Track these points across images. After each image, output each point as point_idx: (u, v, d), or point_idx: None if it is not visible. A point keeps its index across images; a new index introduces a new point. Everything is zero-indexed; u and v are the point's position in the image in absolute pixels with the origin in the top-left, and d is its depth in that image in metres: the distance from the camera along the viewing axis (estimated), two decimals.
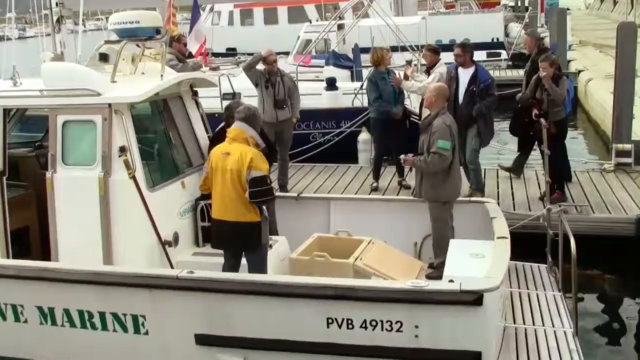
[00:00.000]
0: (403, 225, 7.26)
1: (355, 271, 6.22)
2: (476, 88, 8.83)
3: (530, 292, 6.69)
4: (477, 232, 6.67)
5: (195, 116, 7.12)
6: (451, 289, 4.85)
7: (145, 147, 6.34)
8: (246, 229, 5.77)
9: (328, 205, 7.57)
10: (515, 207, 8.99)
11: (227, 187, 5.77)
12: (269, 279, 5.35)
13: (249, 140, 5.89)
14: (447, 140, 6.60)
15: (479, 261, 5.69)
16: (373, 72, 9.74)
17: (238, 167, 5.74)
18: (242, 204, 5.73)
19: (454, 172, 6.79)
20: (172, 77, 6.58)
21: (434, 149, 6.64)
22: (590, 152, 14.97)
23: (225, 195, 5.79)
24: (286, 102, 9.75)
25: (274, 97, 9.66)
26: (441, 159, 6.62)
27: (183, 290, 5.25)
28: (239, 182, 5.74)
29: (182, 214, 6.53)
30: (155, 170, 6.44)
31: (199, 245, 6.70)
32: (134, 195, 5.85)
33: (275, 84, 9.69)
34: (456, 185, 6.87)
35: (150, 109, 6.75)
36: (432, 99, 6.84)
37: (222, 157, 5.88)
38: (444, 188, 6.76)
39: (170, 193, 6.38)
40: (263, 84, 9.70)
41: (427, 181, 6.84)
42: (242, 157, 5.75)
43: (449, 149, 6.60)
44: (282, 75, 9.81)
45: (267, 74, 9.75)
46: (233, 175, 5.75)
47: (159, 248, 6.06)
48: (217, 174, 5.88)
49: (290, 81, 9.89)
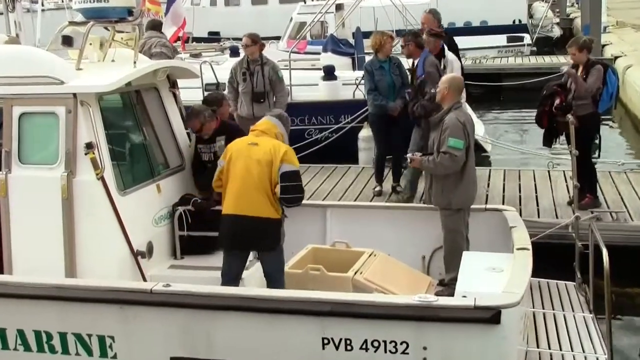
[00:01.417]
0: (409, 236, 7.36)
1: (355, 286, 6.30)
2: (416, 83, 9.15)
3: (556, 313, 6.77)
4: (494, 244, 6.76)
5: (172, 111, 7.21)
6: (464, 305, 4.94)
7: (116, 145, 6.42)
8: (268, 225, 5.97)
9: (324, 213, 7.65)
10: (540, 213, 9.08)
11: (252, 179, 5.94)
12: (257, 293, 5.42)
13: (278, 135, 6.16)
14: (459, 139, 6.70)
15: (497, 276, 5.78)
16: (371, 59, 9.88)
17: (269, 158, 5.94)
18: (266, 198, 5.93)
19: (468, 175, 6.89)
20: (146, 65, 6.68)
21: (444, 148, 6.74)
22: (628, 150, 15.08)
23: (248, 188, 5.95)
24: (265, 95, 9.90)
25: (251, 89, 9.85)
26: (452, 160, 6.72)
27: (158, 307, 5.32)
28: (267, 175, 5.93)
29: (158, 221, 6.62)
30: (126, 171, 6.50)
31: (176, 258, 6.79)
32: (101, 198, 5.93)
33: (253, 73, 9.87)
34: (470, 191, 6.97)
35: (121, 101, 6.82)
36: (445, 92, 6.96)
37: (246, 147, 6.08)
38: (456, 193, 6.86)
39: (144, 197, 6.46)
40: (240, 75, 9.88)
41: (437, 185, 6.95)
42: (274, 148, 5.99)
43: (461, 148, 6.71)
44: (263, 64, 9.95)
45: (245, 63, 9.94)
46: (261, 167, 5.93)
47: (130, 260, 6.14)
48: (236, 165, 6.03)
49: (273, 71, 10.03)
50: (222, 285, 6.02)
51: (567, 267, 7.29)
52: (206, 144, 7.09)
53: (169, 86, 7.27)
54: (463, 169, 6.83)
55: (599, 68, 8.77)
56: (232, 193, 6.03)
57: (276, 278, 6.13)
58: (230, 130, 7.14)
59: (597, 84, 8.70)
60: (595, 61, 8.97)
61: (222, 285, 6.02)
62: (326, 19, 19.01)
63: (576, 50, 8.78)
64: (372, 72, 9.75)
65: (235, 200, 5.98)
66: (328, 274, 6.43)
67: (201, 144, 7.13)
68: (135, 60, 6.50)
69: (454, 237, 6.92)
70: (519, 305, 5.02)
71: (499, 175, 10.97)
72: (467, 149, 6.81)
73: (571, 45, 8.89)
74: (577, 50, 8.77)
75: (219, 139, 7.03)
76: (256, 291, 5.51)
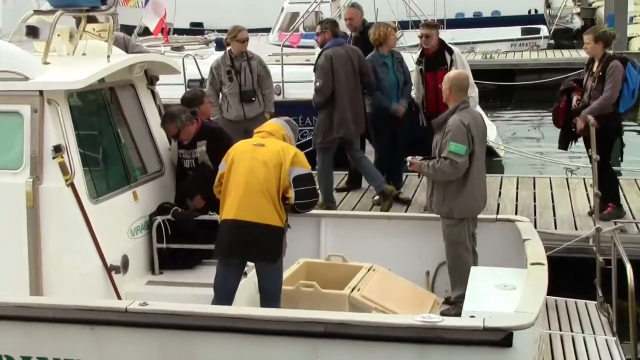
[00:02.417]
0: (412, 249, 7.38)
1: (352, 305, 6.32)
2: None
3: (575, 336, 6.76)
4: (506, 258, 6.77)
5: (150, 110, 7.22)
6: (472, 326, 4.95)
7: (87, 148, 6.41)
8: (271, 234, 6.00)
9: (318, 224, 7.66)
10: (557, 225, 9.08)
11: (257, 182, 5.97)
12: (243, 312, 5.40)
13: (286, 138, 6.25)
14: (461, 144, 6.74)
15: (508, 294, 5.78)
16: (372, 54, 9.88)
17: (278, 160, 5.99)
18: (270, 204, 5.98)
19: (472, 182, 6.92)
20: (121, 59, 6.68)
21: (444, 153, 6.79)
22: None
23: (251, 191, 5.97)
24: (255, 94, 9.91)
25: (239, 89, 9.84)
26: (452, 166, 6.76)
27: (134, 327, 5.31)
28: (275, 178, 5.97)
29: (134, 232, 6.62)
30: (99, 176, 6.50)
31: (155, 273, 6.79)
32: (71, 207, 5.93)
33: (240, 71, 9.85)
34: (474, 199, 6.99)
35: (94, 99, 6.82)
36: (447, 92, 7.00)
37: (251, 148, 6.13)
38: (458, 201, 6.89)
39: (119, 206, 6.47)
40: (224, 74, 9.86)
41: (438, 192, 7.00)
42: (283, 150, 6.05)
43: (463, 154, 6.75)
44: (249, 59, 9.94)
45: (229, 60, 9.90)
46: (268, 169, 5.97)
47: (103, 275, 6.13)
48: (239, 167, 6.06)
49: (260, 65, 10.05)
50: (215, 300, 6.04)
51: (587, 284, 7.27)
52: (186, 149, 7.09)
53: (147, 83, 7.27)
54: (467, 175, 6.86)
55: (615, 66, 8.62)
56: (233, 197, 6.05)
57: (273, 296, 6.15)
58: (212, 133, 7.15)
59: (617, 88, 8.60)
60: (612, 56, 8.88)
61: (215, 300, 6.04)
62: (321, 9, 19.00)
63: (592, 40, 8.70)
64: (375, 70, 9.75)
65: (237, 205, 6.00)
66: (322, 291, 6.44)
67: (181, 149, 7.14)
68: (109, 54, 6.49)
69: (457, 250, 6.94)
70: (533, 327, 5.02)
71: (512, 183, 10.96)
72: (472, 154, 6.83)
73: (588, 33, 8.82)
74: (592, 40, 8.70)
75: (199, 144, 7.03)
76: (242, 310, 5.51)
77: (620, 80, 8.63)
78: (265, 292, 6.16)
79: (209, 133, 7.11)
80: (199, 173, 6.96)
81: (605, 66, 8.65)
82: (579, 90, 8.88)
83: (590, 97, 8.75)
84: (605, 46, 8.84)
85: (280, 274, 6.23)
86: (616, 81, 8.60)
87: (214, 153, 6.84)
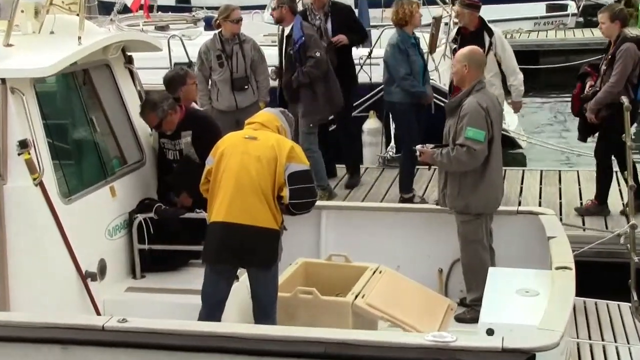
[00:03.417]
0: (423, 245, 7.35)
1: (355, 314, 6.26)
2: (293, 50, 9.53)
3: (606, 345, 6.68)
4: (528, 257, 6.72)
5: (129, 92, 7.15)
6: (489, 347, 4.87)
7: (57, 139, 6.35)
8: (265, 237, 5.94)
9: (318, 218, 7.61)
10: (586, 221, 9.03)
11: (249, 179, 5.89)
12: (234, 330, 5.33)
13: (281, 130, 6.14)
14: (479, 129, 6.64)
15: (530, 301, 5.73)
16: (399, 35, 9.68)
17: (272, 154, 5.91)
18: (264, 204, 5.90)
19: (491, 172, 6.85)
20: (95, 40, 6.57)
21: (460, 139, 6.68)
22: None
23: (243, 190, 5.89)
24: (248, 81, 9.81)
25: (230, 75, 9.73)
26: (470, 155, 6.67)
27: (112, 347, 5.24)
28: (269, 175, 5.89)
29: (112, 232, 6.58)
30: (72, 171, 6.47)
31: (136, 277, 6.75)
32: (40, 208, 5.87)
33: (231, 55, 9.74)
34: (493, 192, 6.94)
35: (64, 83, 6.75)
36: (464, 71, 6.86)
37: (242, 141, 6.04)
38: (475, 195, 6.82)
39: (95, 204, 6.41)
40: (214, 60, 9.75)
41: (452, 184, 6.91)
42: (278, 144, 5.96)
43: (482, 140, 6.65)
44: (241, 42, 9.82)
45: (219, 43, 9.78)
46: (262, 165, 5.89)
47: (77, 283, 6.09)
48: (230, 162, 5.97)
49: (254, 49, 9.94)
50: (203, 311, 5.99)
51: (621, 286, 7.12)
52: (170, 139, 7.03)
53: (124, 61, 7.20)
54: (485, 166, 6.78)
55: (626, 49, 8.52)
56: (222, 196, 5.96)
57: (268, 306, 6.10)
58: (198, 123, 7.06)
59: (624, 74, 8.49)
60: (626, 37, 8.72)
61: (203, 311, 5.99)
62: None
63: (607, 19, 8.63)
64: (407, 51, 9.59)
65: (227, 205, 5.92)
66: (322, 298, 6.39)
67: (164, 139, 7.08)
68: (81, 35, 6.36)
69: (474, 249, 6.88)
70: (559, 346, 4.94)
71: (535, 178, 10.88)
72: (491, 141, 6.74)
73: (603, 12, 8.75)
74: (608, 18, 8.62)
75: (184, 134, 6.96)
76: (233, 328, 5.43)
77: (631, 64, 8.54)
78: (259, 301, 6.10)
79: (195, 122, 7.03)
80: (184, 167, 6.90)
81: (617, 48, 8.57)
82: (594, 75, 8.84)
83: (602, 82, 8.68)
84: (623, 26, 8.75)
85: (275, 282, 6.17)
86: (625, 66, 8.51)
87: (200, 145, 6.77)
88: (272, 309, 6.12)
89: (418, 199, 9.98)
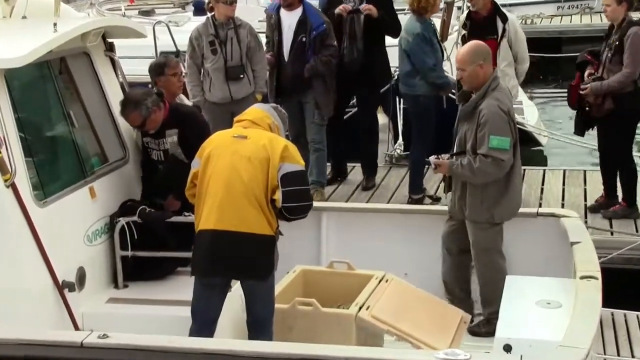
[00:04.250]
0: (433, 250, 7.31)
1: (360, 327, 6.23)
2: (307, 37, 9.58)
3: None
4: (549, 265, 6.75)
5: (110, 82, 7.12)
6: None
7: (31, 135, 6.32)
8: (261, 245, 5.93)
9: (318, 221, 7.61)
10: (614, 225, 9.02)
11: (240, 183, 5.87)
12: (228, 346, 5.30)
13: (273, 128, 6.13)
14: (504, 136, 6.61)
15: (552, 314, 5.72)
16: (421, 24, 9.67)
17: (264, 154, 5.89)
18: (258, 209, 5.89)
19: (515, 179, 6.84)
20: (72, 27, 6.52)
21: (484, 149, 6.63)
22: None
23: (233, 195, 5.87)
24: (244, 70, 9.75)
25: (224, 64, 9.68)
26: (496, 165, 6.63)
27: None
28: (261, 177, 5.88)
29: (92, 238, 6.56)
30: (47, 171, 6.45)
31: (118, 287, 6.73)
32: (12, 212, 5.83)
33: (225, 42, 9.70)
34: (517, 198, 6.93)
35: (39, 73, 6.72)
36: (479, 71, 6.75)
37: (231, 141, 6.02)
38: (502, 205, 6.79)
39: (72, 207, 6.38)
40: (207, 46, 9.69)
41: (474, 195, 6.83)
42: (271, 143, 5.95)
43: (507, 149, 6.62)
44: (236, 27, 9.77)
45: (212, 28, 9.74)
46: (253, 166, 5.87)
47: (53, 294, 6.05)
48: (218, 164, 5.95)
49: (251, 35, 9.89)
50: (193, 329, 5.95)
51: None
52: (153, 138, 7.00)
53: (105, 49, 7.16)
54: (509, 174, 6.77)
55: (634, 33, 8.58)
56: (211, 202, 5.93)
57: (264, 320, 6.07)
58: (184, 120, 7.03)
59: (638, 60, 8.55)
60: (632, 21, 8.80)
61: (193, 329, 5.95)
62: None
63: (613, 1, 8.66)
64: (431, 40, 9.63)
65: (217, 212, 5.90)
66: (323, 310, 6.36)
67: (147, 138, 7.05)
68: (56, 21, 6.32)
69: (492, 259, 6.88)
70: None
71: (557, 178, 10.92)
72: (514, 145, 6.72)
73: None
74: (614, 1, 8.64)
75: (169, 133, 6.94)
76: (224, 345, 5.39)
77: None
78: (255, 315, 6.07)
79: (181, 119, 7.00)
80: (171, 168, 6.88)
81: (623, 33, 8.63)
82: (595, 63, 8.88)
83: (605, 70, 8.72)
84: (629, 8, 8.80)
85: (272, 293, 6.14)
86: (636, 52, 8.57)
87: (188, 144, 6.76)
88: (268, 323, 6.10)
89: (429, 200, 9.96)
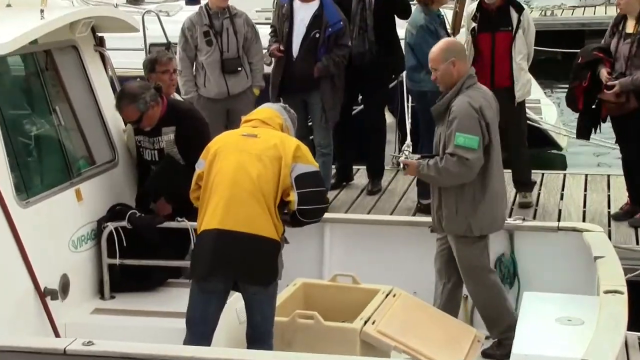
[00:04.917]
0: None
1: (364, 343, 6.21)
2: (320, 34, 9.48)
3: None
4: (570, 281, 6.75)
5: (99, 79, 7.15)
6: None
7: (14, 132, 6.35)
8: (266, 248, 5.93)
9: (321, 232, 7.64)
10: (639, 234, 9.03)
11: (248, 181, 5.87)
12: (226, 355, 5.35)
13: (284, 128, 6.19)
14: (472, 134, 6.56)
15: (574, 331, 5.73)
16: (425, 15, 9.71)
17: (275, 153, 5.92)
18: (265, 211, 5.89)
19: (493, 184, 6.76)
20: (59, 15, 6.56)
21: (450, 148, 6.61)
22: None
23: (240, 194, 5.88)
24: (241, 62, 9.79)
25: (220, 56, 9.71)
26: (462, 165, 6.57)
27: None
28: (272, 176, 5.89)
29: (77, 244, 6.58)
30: (31, 171, 6.45)
31: (104, 297, 6.76)
32: None
33: (221, 32, 9.72)
34: (498, 208, 6.86)
35: (22, 66, 6.76)
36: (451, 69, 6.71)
37: (239, 139, 6.07)
38: (478, 214, 6.72)
39: (57, 209, 6.41)
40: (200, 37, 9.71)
41: (448, 204, 6.78)
42: (282, 142, 6.00)
43: (475, 148, 6.56)
44: (232, 16, 9.81)
45: (206, 18, 9.78)
46: (264, 164, 5.89)
47: (35, 302, 6.07)
48: (225, 162, 5.96)
49: (248, 25, 9.94)
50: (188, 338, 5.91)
51: None
52: (148, 136, 7.03)
53: (94, 43, 7.21)
54: (484, 176, 6.71)
55: None
56: (216, 201, 5.94)
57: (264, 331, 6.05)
58: (183, 116, 7.06)
59: None
60: None
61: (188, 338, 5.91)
62: None
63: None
64: (436, 32, 9.61)
65: (222, 211, 5.90)
66: (325, 324, 6.35)
67: (141, 135, 7.07)
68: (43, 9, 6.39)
69: (481, 277, 6.84)
70: None
71: (579, 183, 10.91)
72: (488, 146, 6.67)
73: None
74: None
75: (165, 131, 6.97)
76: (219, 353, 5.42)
77: None
78: (255, 324, 6.04)
79: (179, 116, 7.04)
80: (164, 169, 6.91)
81: None
82: (607, 61, 8.90)
83: (628, 66, 8.72)
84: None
85: (273, 303, 6.13)
86: None
87: (185, 143, 6.83)
88: (269, 334, 6.08)
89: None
